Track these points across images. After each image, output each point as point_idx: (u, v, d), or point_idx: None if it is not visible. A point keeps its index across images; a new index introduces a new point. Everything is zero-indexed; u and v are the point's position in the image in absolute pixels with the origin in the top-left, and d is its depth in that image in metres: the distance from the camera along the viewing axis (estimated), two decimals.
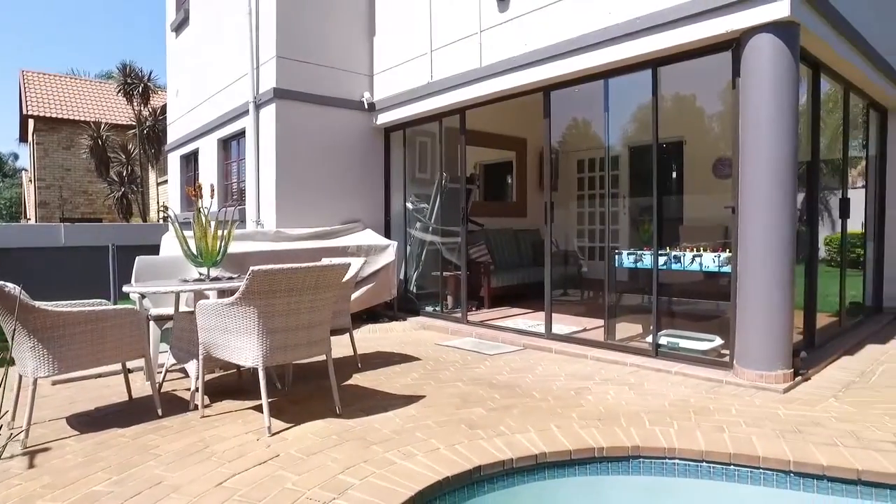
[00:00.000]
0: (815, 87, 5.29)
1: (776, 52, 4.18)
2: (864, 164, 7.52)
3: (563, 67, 5.46)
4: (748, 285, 4.37)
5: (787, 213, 4.23)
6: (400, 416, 3.59)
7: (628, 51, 4.93)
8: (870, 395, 4.03)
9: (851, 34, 5.15)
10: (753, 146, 4.30)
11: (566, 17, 5.45)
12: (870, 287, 7.40)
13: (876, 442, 3.13)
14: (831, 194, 6.98)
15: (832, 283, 6.35)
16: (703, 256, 4.98)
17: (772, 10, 4.09)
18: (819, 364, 4.82)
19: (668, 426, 3.37)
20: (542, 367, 4.96)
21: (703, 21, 4.44)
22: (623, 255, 5.50)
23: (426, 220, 7.88)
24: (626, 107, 7.00)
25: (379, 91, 7.98)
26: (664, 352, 5.01)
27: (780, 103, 4.21)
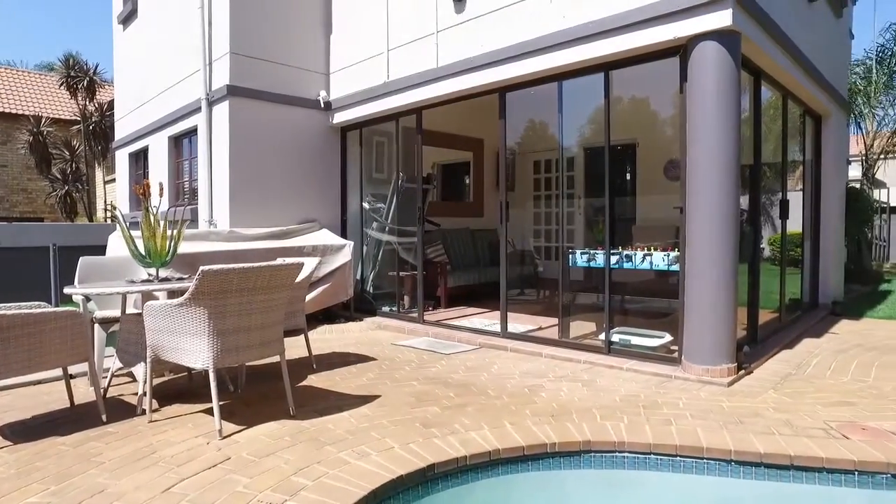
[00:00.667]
0: (757, 93, 5.52)
1: (720, 59, 4.35)
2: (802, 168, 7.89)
3: (517, 69, 5.53)
4: (695, 284, 4.52)
5: (731, 214, 4.41)
6: (355, 416, 3.57)
7: (581, 54, 5.03)
8: (804, 386, 4.24)
9: (788, 45, 5.40)
10: (699, 149, 4.46)
11: (521, 20, 5.53)
12: (807, 284, 7.77)
13: (807, 429, 3.30)
14: (774, 196, 7.30)
15: (775, 281, 6.64)
16: (653, 255, 5.13)
17: (715, 19, 4.25)
18: (761, 358, 5.03)
19: (618, 421, 3.46)
20: (497, 365, 5.02)
21: (652, 27, 4.58)
22: (577, 254, 5.61)
23: (383, 220, 7.86)
24: (581, 109, 7.14)
25: (335, 90, 7.91)
26: (616, 349, 5.14)
27: (723, 107, 4.37)
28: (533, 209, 10.47)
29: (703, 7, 4.30)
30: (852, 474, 2.91)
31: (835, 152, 7.98)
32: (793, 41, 5.54)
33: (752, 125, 5.60)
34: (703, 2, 4.29)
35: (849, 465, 2.90)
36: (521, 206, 10.38)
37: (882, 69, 12.08)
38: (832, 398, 3.94)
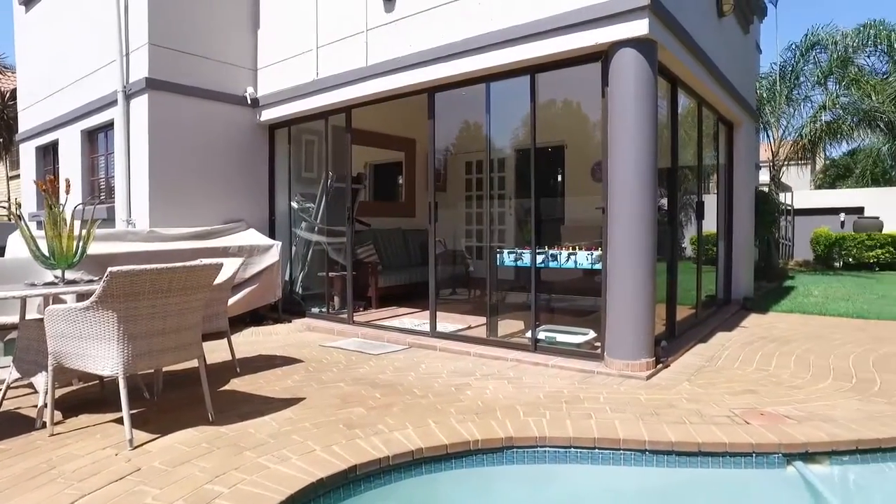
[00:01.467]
0: (674, 99, 5.80)
1: (638, 66, 4.54)
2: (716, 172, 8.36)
3: (446, 70, 5.57)
4: (616, 283, 4.70)
5: (649, 215, 4.61)
6: (277, 420, 3.48)
7: (508, 56, 5.13)
8: (714, 377, 4.50)
9: (701, 55, 5.71)
10: (619, 152, 4.64)
11: (450, 21, 5.57)
12: (721, 281, 8.24)
13: (715, 417, 3.50)
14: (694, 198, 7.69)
15: (693, 279, 6.99)
16: (577, 255, 5.28)
17: (633, 27, 4.44)
18: (677, 352, 5.29)
19: (540, 416, 3.54)
20: (425, 365, 5.03)
21: (575, 32, 4.73)
22: (504, 253, 5.71)
23: (312, 220, 7.71)
24: (513, 111, 7.27)
25: (263, 86, 7.70)
26: (542, 346, 5.26)
27: (641, 112, 4.57)
28: (465, 209, 10.57)
29: (621, 15, 4.48)
30: (751, 456, 3.11)
31: (745, 158, 8.51)
32: (706, 52, 5.86)
33: (670, 130, 5.87)
34: (621, 10, 4.47)
35: (748, 448, 3.11)
36: (453, 207, 10.45)
37: (784, 83, 12.97)
38: (738, 387, 4.20)
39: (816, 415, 3.55)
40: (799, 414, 3.57)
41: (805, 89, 13.46)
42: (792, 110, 13.78)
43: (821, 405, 3.75)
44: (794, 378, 4.44)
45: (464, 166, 10.63)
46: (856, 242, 15.01)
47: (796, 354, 5.22)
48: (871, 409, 3.65)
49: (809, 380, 4.39)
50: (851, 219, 16.67)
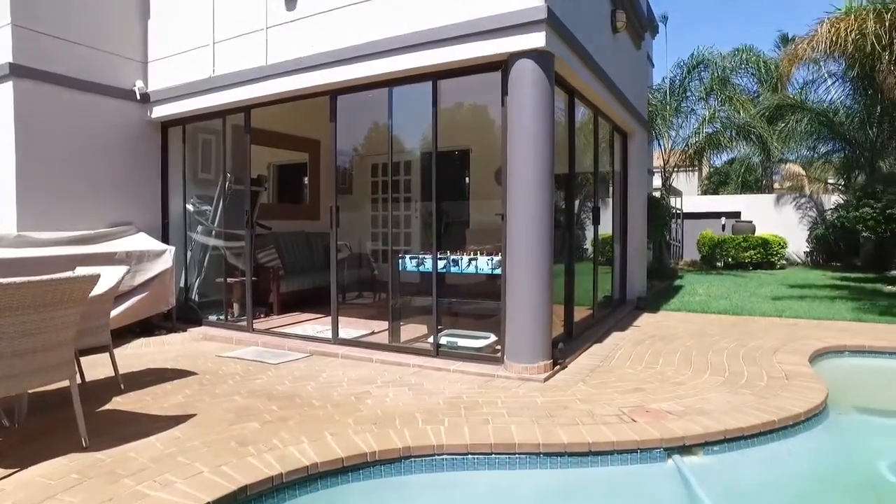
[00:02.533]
0: (571, 109, 6.05)
1: (535, 76, 4.69)
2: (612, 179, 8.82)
3: (348, 73, 5.49)
4: (515, 287, 4.83)
5: (546, 220, 4.77)
6: (163, 441, 3.27)
7: (410, 62, 5.13)
8: (607, 377, 4.73)
9: (597, 68, 6.00)
10: (518, 161, 4.77)
11: (352, 23, 5.49)
12: (617, 282, 8.70)
13: (605, 417, 3.68)
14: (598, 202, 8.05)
15: (590, 280, 7.31)
16: (478, 260, 5.38)
17: (530, 39, 4.58)
18: (575, 353, 5.52)
19: (439, 424, 3.56)
20: (326, 373, 4.93)
21: (476, 41, 4.81)
22: (406, 259, 5.71)
23: (209, 224, 7.34)
24: (420, 113, 7.26)
25: (155, 81, 7.23)
26: (444, 351, 5.31)
27: (538, 121, 4.72)
28: (371, 212, 10.48)
29: (520, 27, 4.61)
30: (636, 452, 3.30)
31: (639, 165, 9.04)
32: (601, 66, 6.16)
33: (567, 138, 6.11)
34: (520, 22, 4.60)
35: (633, 446, 3.30)
36: (360, 209, 10.34)
37: (673, 97, 13.95)
38: (627, 386, 4.44)
39: (694, 409, 3.83)
40: (679, 409, 3.83)
41: (691, 103, 14.55)
42: (680, 121, 14.84)
43: (698, 399, 4.05)
44: (677, 374, 4.76)
45: (370, 168, 10.53)
46: (734, 244, 16.39)
47: (680, 352, 5.60)
48: (738, 401, 3.98)
49: (690, 375, 4.73)
50: (731, 222, 18.19)
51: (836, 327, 6.96)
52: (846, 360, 5.69)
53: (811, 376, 4.61)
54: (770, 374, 4.70)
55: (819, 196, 19.02)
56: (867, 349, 5.80)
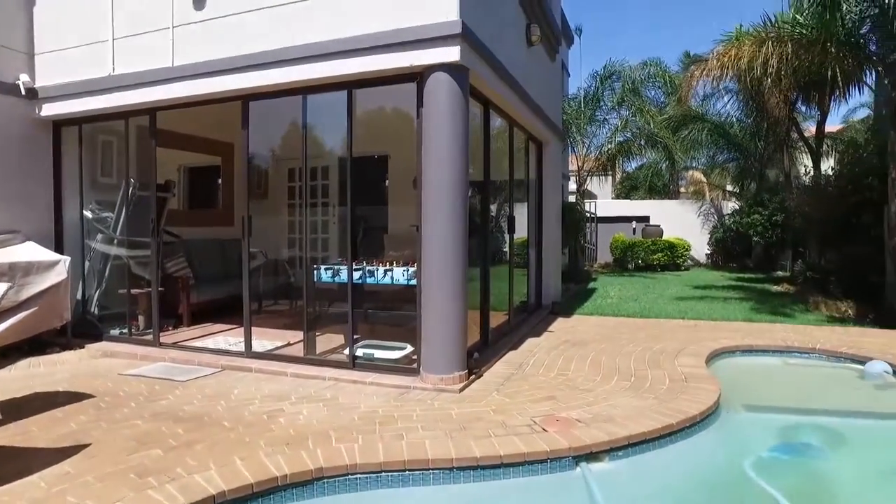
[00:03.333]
0: (486, 120, 6.15)
1: (450, 89, 4.74)
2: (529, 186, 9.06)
3: (260, 79, 5.32)
4: (430, 299, 4.86)
5: (460, 234, 4.83)
6: (48, 478, 3.03)
7: (324, 71, 5.04)
8: (521, 385, 4.85)
9: (512, 81, 6.14)
10: (432, 173, 4.81)
11: (266, 28, 5.31)
12: (532, 287, 8.94)
13: (517, 427, 3.77)
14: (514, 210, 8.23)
15: (507, 286, 7.45)
16: (393, 271, 5.37)
17: (445, 53, 4.63)
18: (490, 361, 5.62)
19: (353, 441, 3.53)
20: (238, 389, 4.76)
21: (392, 53, 4.80)
22: (322, 270, 5.61)
23: (110, 232, 6.89)
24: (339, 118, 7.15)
25: (44, 76, 6.67)
26: (361, 363, 5.25)
27: (453, 134, 4.77)
28: (288, 217, 10.21)
29: (435, 41, 4.64)
30: (546, 462, 3.41)
31: (553, 174, 9.33)
32: (516, 78, 6.31)
33: (482, 148, 6.21)
34: (435, 36, 4.63)
35: (543, 456, 3.40)
36: (276, 214, 10.04)
37: (588, 106, 14.55)
38: (540, 394, 4.57)
39: (601, 415, 4.00)
40: (588, 416, 3.99)
41: (604, 112, 15.20)
42: (594, 129, 15.48)
43: (606, 406, 4.23)
44: (586, 381, 4.95)
45: (287, 172, 10.24)
46: (643, 247, 17.31)
47: (591, 357, 5.83)
48: (642, 405, 4.20)
49: (599, 381, 4.93)
50: (641, 226, 19.18)
51: (731, 328, 7.50)
52: (737, 359, 6.14)
53: (707, 378, 4.94)
54: (672, 376, 4.99)
55: (718, 202, 20.43)
56: (755, 348, 6.30)
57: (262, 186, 10.15)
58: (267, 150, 10.01)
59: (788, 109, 13.16)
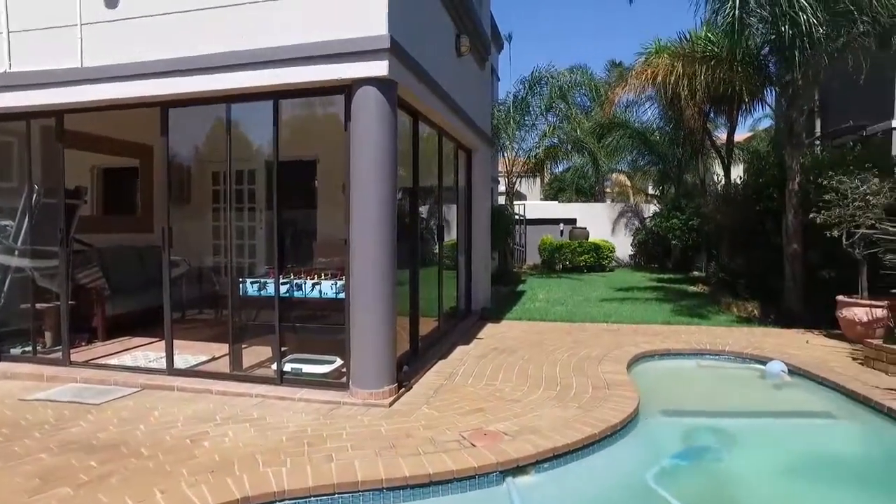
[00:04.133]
0: (416, 131, 6.17)
1: (378, 103, 4.72)
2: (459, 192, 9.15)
3: (181, 86, 5.10)
4: (358, 313, 4.83)
5: (389, 247, 4.83)
6: None
7: (250, 80, 4.91)
8: (450, 397, 4.91)
9: (441, 93, 6.19)
10: (360, 187, 4.78)
11: (187, 33, 5.09)
12: (463, 293, 9.04)
13: (446, 443, 3.82)
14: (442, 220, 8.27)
15: (442, 290, 7.48)
16: (322, 284, 5.29)
17: (374, 67, 4.61)
18: (420, 371, 5.65)
19: (281, 465, 3.46)
20: (159, 411, 4.55)
21: (319, 65, 4.73)
22: (247, 284, 5.46)
23: (11, 242, 6.39)
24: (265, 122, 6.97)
25: None
26: (289, 378, 5.15)
27: (381, 148, 4.75)
28: (213, 222, 9.83)
29: (363, 54, 4.61)
30: (475, 478, 3.47)
31: (482, 180, 9.47)
32: (445, 89, 6.36)
33: (411, 157, 6.23)
34: (363, 49, 4.60)
35: (472, 472, 3.46)
36: (200, 219, 9.64)
37: (517, 111, 14.86)
38: (468, 406, 4.63)
39: (528, 427, 4.11)
40: (515, 429, 4.09)
41: (532, 118, 15.56)
42: (523, 134, 15.82)
43: (532, 417, 4.35)
44: (514, 391, 5.07)
45: (212, 176, 9.86)
46: (571, 249, 17.88)
47: (519, 365, 5.97)
48: (567, 415, 4.36)
49: (526, 391, 5.06)
50: (568, 228, 19.79)
51: (651, 331, 7.89)
52: (656, 362, 6.48)
53: (627, 384, 5.18)
54: (595, 384, 5.19)
55: (640, 205, 21.39)
56: (671, 351, 6.66)
57: (185, 190, 9.73)
58: (190, 151, 9.60)
59: (702, 120, 13.96)
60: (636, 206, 21.33)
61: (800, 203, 8.59)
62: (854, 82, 8.97)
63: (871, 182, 6.92)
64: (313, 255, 8.60)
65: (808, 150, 9.63)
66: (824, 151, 10.19)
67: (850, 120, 13.39)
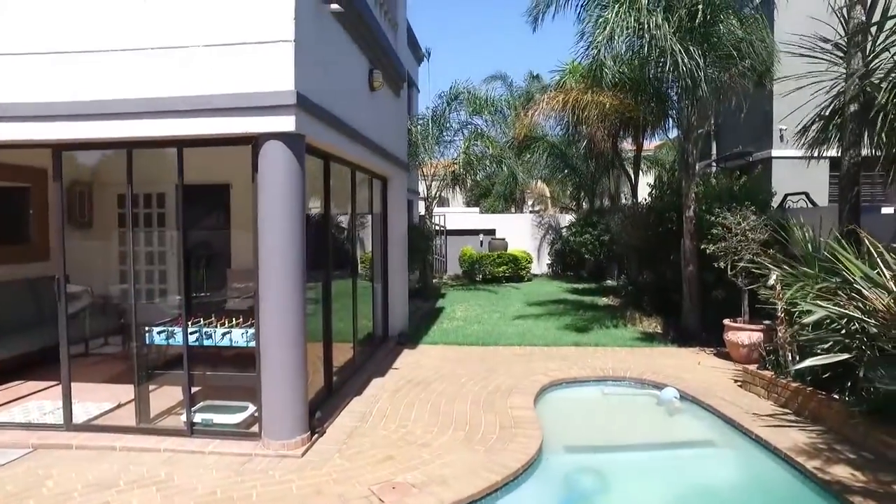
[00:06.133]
0: (327, 172, 6.21)
1: (286, 157, 4.71)
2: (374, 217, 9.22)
3: (78, 130, 4.87)
4: (269, 364, 4.83)
5: (298, 299, 4.84)
6: None
7: (153, 129, 4.78)
8: (362, 443, 5.00)
9: (353, 133, 6.25)
10: (268, 239, 4.77)
11: (87, 75, 4.83)
12: (379, 319, 9.12)
13: (355, 501, 3.92)
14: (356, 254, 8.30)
15: (358, 315, 7.50)
16: (232, 332, 5.24)
17: (280, 122, 4.62)
18: (334, 413, 5.70)
19: None
20: (55, 478, 4.34)
21: (225, 117, 4.68)
22: (154, 332, 5.31)
23: None
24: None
25: None
26: (200, 429, 5.06)
27: (288, 199, 4.74)
28: (119, 247, 9.36)
29: (270, 109, 4.61)
30: None
31: (398, 204, 9.57)
32: (357, 129, 6.42)
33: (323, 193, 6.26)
34: (269, 104, 4.60)
35: None
36: (104, 244, 9.17)
37: (435, 126, 15.08)
38: (380, 454, 4.74)
39: (435, 477, 4.28)
40: (422, 479, 4.25)
41: (451, 133, 15.81)
42: (442, 149, 16.04)
43: (440, 464, 4.52)
44: (425, 433, 5.22)
45: (115, 199, 9.38)
46: (490, 260, 18.35)
47: (431, 401, 6.13)
48: (473, 461, 4.56)
49: (436, 433, 5.22)
50: (488, 239, 20.28)
51: (561, 354, 8.31)
52: (563, 391, 6.85)
53: (533, 421, 5.47)
54: (502, 422, 5.44)
55: (558, 216, 22.21)
56: (578, 379, 7.06)
57: (85, 214, 9.21)
58: (92, 171, 9.10)
59: (612, 142, 14.73)
60: (554, 217, 22.12)
61: (695, 229, 9.29)
62: (746, 108, 9.86)
63: (749, 219, 7.62)
64: (227, 283, 8.43)
65: (703, 178, 10.40)
66: (717, 177, 11.03)
67: (740, 145, 14.61)
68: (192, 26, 4.71)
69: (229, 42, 4.66)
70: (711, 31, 8.73)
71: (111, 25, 4.81)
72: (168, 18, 4.75)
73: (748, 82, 9.50)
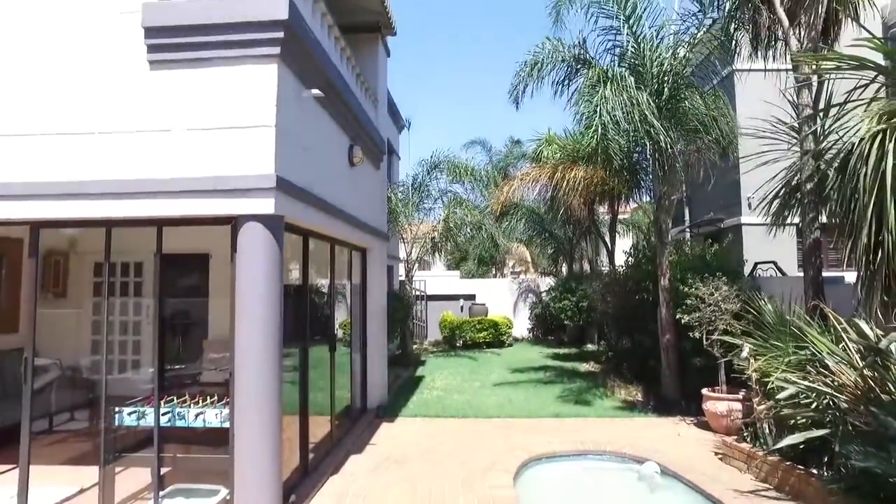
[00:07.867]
0: (305, 249, 6.27)
1: (265, 238, 4.80)
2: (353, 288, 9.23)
3: (57, 210, 4.93)
4: (242, 443, 4.72)
5: (275, 382, 4.80)
6: None
7: (132, 210, 4.85)
8: None
9: (332, 209, 6.36)
10: (245, 321, 4.77)
11: (67, 156, 4.94)
12: (358, 391, 8.98)
13: None
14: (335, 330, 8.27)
15: (336, 387, 7.36)
16: (205, 413, 5.12)
17: (260, 204, 4.72)
18: (309, 494, 5.52)
19: None
20: None
21: (205, 199, 4.77)
22: (123, 413, 5.17)
23: None
24: None
25: None
26: None
27: (267, 279, 4.80)
28: (92, 316, 9.20)
29: (249, 191, 4.71)
30: None
31: (378, 275, 9.61)
32: (336, 206, 6.54)
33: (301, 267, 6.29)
34: (249, 187, 4.70)
35: None
36: (76, 314, 9.00)
37: (416, 193, 15.38)
38: None
39: None
40: None
41: (432, 201, 16.12)
42: (422, 216, 16.29)
43: None
44: None
45: (92, 267, 9.30)
46: (470, 326, 18.32)
47: (409, 481, 5.94)
48: None
49: None
50: (468, 304, 20.31)
51: (541, 427, 8.19)
52: (543, 467, 6.72)
53: (512, 501, 5.34)
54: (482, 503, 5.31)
55: (538, 280, 22.42)
56: (557, 454, 6.95)
57: (59, 283, 9.09)
58: (67, 241, 9.05)
59: (588, 210, 15.12)
60: (534, 280, 22.31)
61: (671, 298, 9.44)
62: (714, 178, 10.27)
63: (721, 289, 7.80)
64: (202, 354, 8.29)
65: (676, 245, 10.69)
66: (690, 245, 11.33)
67: (711, 212, 15.09)
68: (174, 110, 4.87)
69: (211, 126, 4.81)
70: (678, 108, 9.24)
71: (93, 108, 4.96)
72: (149, 102, 4.91)
73: (714, 154, 9.97)
